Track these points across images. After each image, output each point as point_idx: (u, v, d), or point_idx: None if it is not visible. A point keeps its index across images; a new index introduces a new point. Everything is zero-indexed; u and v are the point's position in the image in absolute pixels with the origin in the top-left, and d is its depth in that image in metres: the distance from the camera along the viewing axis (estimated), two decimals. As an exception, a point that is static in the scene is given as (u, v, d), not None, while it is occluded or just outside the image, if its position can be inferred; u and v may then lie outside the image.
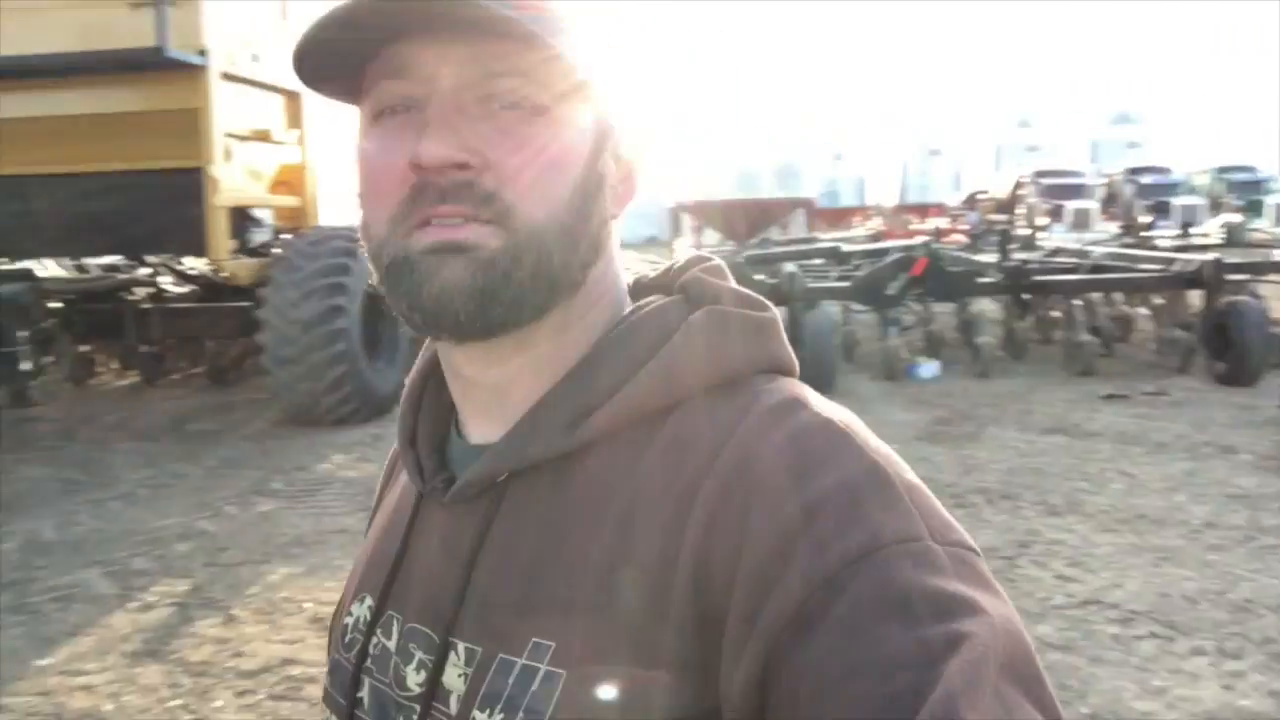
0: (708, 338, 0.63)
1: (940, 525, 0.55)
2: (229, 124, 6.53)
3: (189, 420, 7.23)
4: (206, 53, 6.24)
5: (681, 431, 0.61)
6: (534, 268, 0.59)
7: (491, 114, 0.59)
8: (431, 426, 0.73)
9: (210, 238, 6.48)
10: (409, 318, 0.61)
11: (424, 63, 0.59)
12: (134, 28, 5.88)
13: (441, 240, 0.58)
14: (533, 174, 0.59)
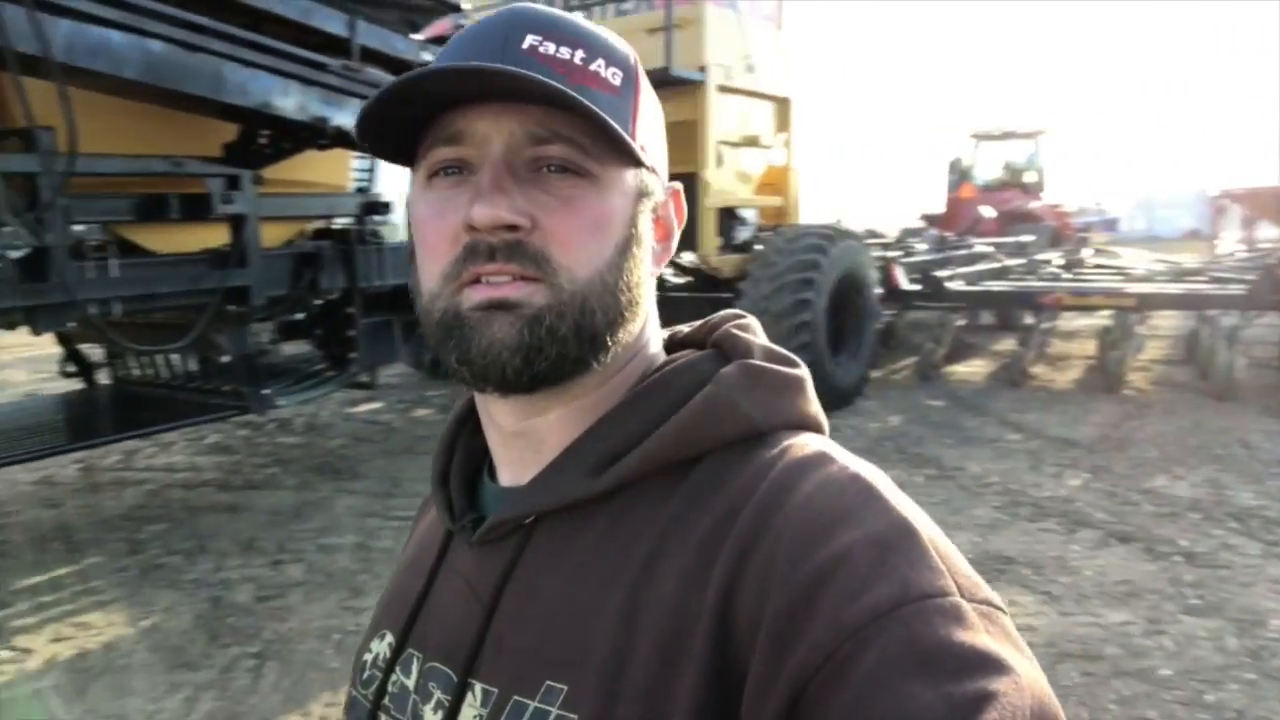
0: (738, 391, 0.64)
1: (968, 582, 0.54)
2: (722, 132, 7.21)
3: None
4: (706, 69, 6.96)
5: (707, 482, 0.61)
6: (577, 324, 0.61)
7: (540, 178, 0.61)
8: (464, 468, 0.74)
9: (701, 235, 7.23)
10: (458, 371, 0.63)
11: (477, 130, 0.61)
12: (648, 51, 6.77)
13: (490, 298, 0.60)
14: (577, 235, 0.61)
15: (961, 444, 6.26)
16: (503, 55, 0.60)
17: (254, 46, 4.01)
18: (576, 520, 0.64)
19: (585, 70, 0.61)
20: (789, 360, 0.69)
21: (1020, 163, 16.00)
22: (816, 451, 0.62)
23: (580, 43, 0.62)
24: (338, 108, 4.41)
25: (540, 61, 0.60)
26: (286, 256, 4.93)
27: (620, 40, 0.67)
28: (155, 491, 5.50)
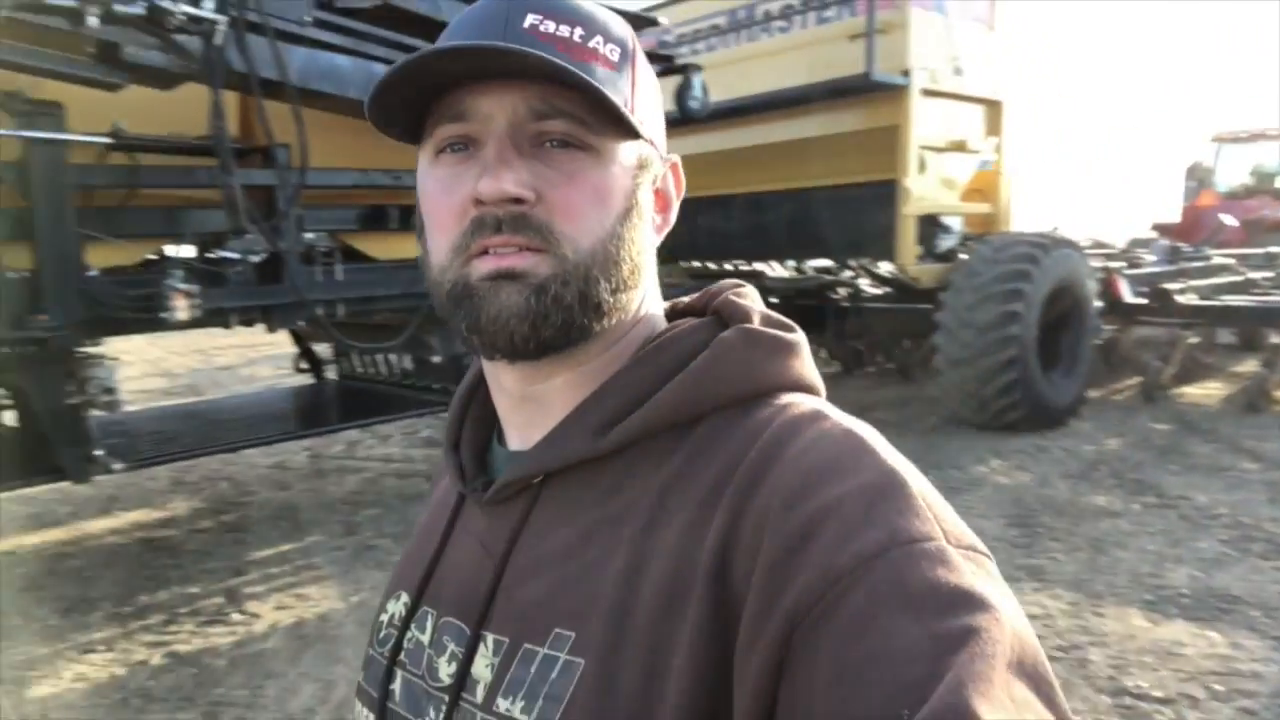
0: (736, 354, 0.66)
1: (954, 529, 0.56)
2: (925, 136, 6.96)
3: (871, 409, 7.94)
4: (909, 73, 6.75)
5: (707, 440, 0.64)
6: (580, 291, 0.64)
7: (543, 153, 0.64)
8: (475, 435, 0.77)
9: (899, 244, 7.01)
10: (468, 339, 0.66)
11: (481, 107, 0.63)
12: (851, 58, 6.65)
13: (498, 268, 0.63)
14: (580, 206, 0.64)
15: (1187, 471, 5.72)
16: (504, 34, 0.62)
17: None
18: (583, 479, 0.66)
19: (584, 47, 0.63)
20: (785, 325, 0.71)
21: (1271, 167, 14.44)
22: (812, 409, 0.64)
23: (579, 21, 0.64)
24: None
25: (541, 40, 0.62)
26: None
27: (618, 19, 0.68)
28: (372, 479, 5.96)
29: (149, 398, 8.62)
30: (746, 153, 7.68)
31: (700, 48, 7.74)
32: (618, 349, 0.70)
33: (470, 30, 0.64)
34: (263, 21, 3.50)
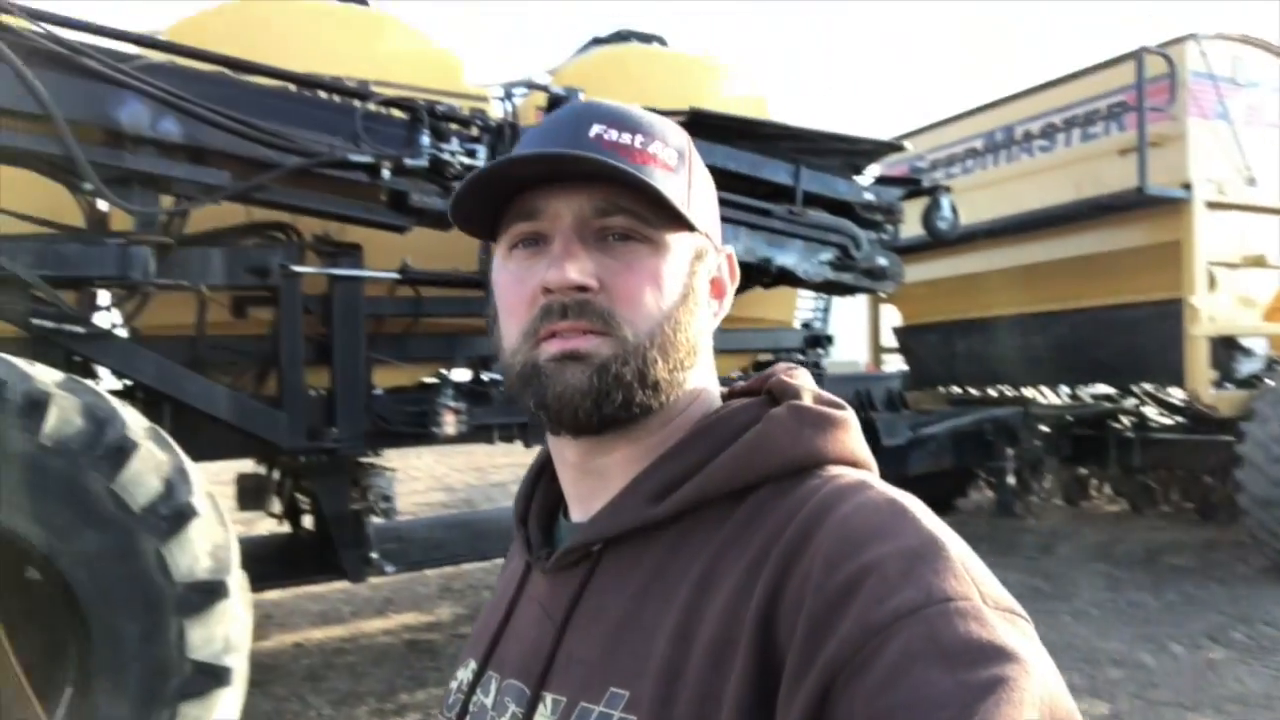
0: (785, 428, 0.69)
1: (992, 592, 0.57)
2: (1215, 252, 6.36)
3: (1164, 552, 7.08)
4: (1190, 186, 6.25)
5: (757, 509, 0.67)
6: (639, 370, 0.69)
7: (606, 245, 0.71)
8: (542, 509, 0.82)
9: (1189, 367, 6.36)
10: (536, 416, 0.71)
11: (550, 207, 0.71)
12: (1122, 173, 6.29)
13: (563, 350, 0.69)
14: (638, 293, 0.70)
15: None
16: (573, 142, 0.70)
17: (706, 198, 4.49)
18: (639, 546, 0.70)
19: (644, 152, 0.71)
20: (834, 402, 0.74)
21: None
22: (857, 479, 0.66)
23: (639, 129, 0.72)
24: (780, 249, 4.72)
25: (605, 146, 0.70)
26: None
27: (675, 126, 0.75)
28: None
29: (430, 509, 9.38)
30: (1011, 273, 7.38)
31: (956, 170, 7.63)
32: (675, 425, 0.74)
33: (543, 139, 0.73)
34: (525, 167, 3.89)
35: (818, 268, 4.85)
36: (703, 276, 0.75)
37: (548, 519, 0.82)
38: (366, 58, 4.31)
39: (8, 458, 2.61)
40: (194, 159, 3.61)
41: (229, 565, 2.94)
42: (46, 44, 3.25)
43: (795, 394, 0.73)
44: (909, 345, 8.82)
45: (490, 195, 0.72)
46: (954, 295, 7.86)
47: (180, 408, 3.73)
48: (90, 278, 3.47)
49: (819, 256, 4.86)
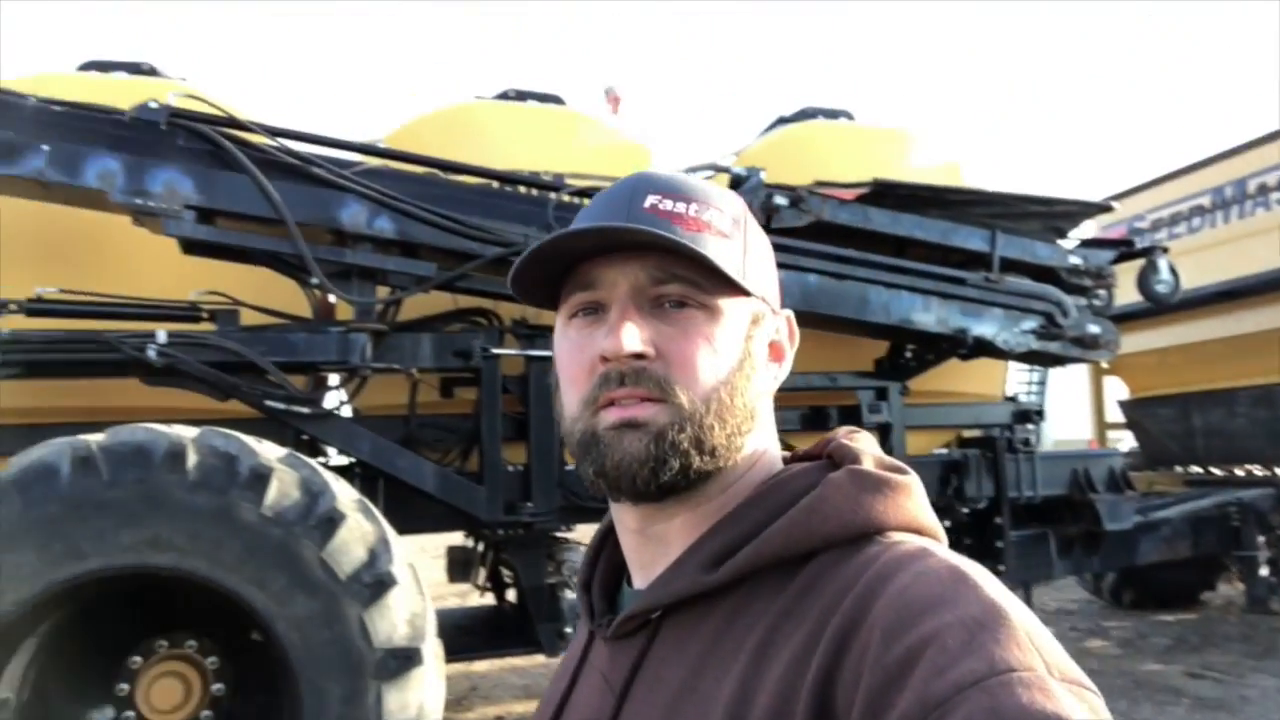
0: (844, 493, 0.68)
1: (1059, 663, 0.54)
2: None
3: None
4: None
5: (815, 577, 0.65)
6: (696, 437, 0.69)
7: (662, 313, 0.72)
8: (606, 576, 0.83)
9: None
10: (595, 484, 0.72)
11: (607, 277, 0.73)
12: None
13: (621, 418, 0.70)
14: (694, 359, 0.70)
15: None
16: (628, 213, 0.71)
17: (894, 269, 4.40)
18: (698, 613, 0.69)
19: (698, 219, 0.72)
20: (896, 467, 0.72)
21: None
22: (918, 547, 0.64)
23: (694, 198, 0.73)
24: (977, 319, 4.52)
25: (660, 216, 0.71)
26: (932, 464, 5.07)
27: (729, 194, 0.76)
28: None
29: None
30: (1255, 339, 6.69)
31: (1181, 230, 7.06)
32: (734, 490, 0.74)
33: (600, 211, 0.75)
34: (707, 246, 3.98)
35: (1020, 337, 4.59)
36: (760, 340, 0.76)
37: (612, 586, 0.83)
38: (561, 152, 4.58)
39: (236, 526, 2.90)
40: (406, 252, 3.93)
41: (425, 633, 3.09)
42: (281, 156, 3.69)
43: (855, 458, 0.72)
44: (1137, 420, 8.10)
45: (550, 267, 0.75)
46: (1189, 364, 7.18)
47: (392, 482, 4.00)
48: (315, 363, 3.82)
49: (1021, 325, 4.61)
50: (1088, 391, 9.01)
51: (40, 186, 3.44)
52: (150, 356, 3.42)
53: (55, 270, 3.78)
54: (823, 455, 0.76)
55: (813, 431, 4.97)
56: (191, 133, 3.61)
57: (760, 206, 4.22)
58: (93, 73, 4.22)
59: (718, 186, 0.77)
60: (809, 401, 4.96)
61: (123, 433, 3.00)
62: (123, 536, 2.83)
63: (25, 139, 3.37)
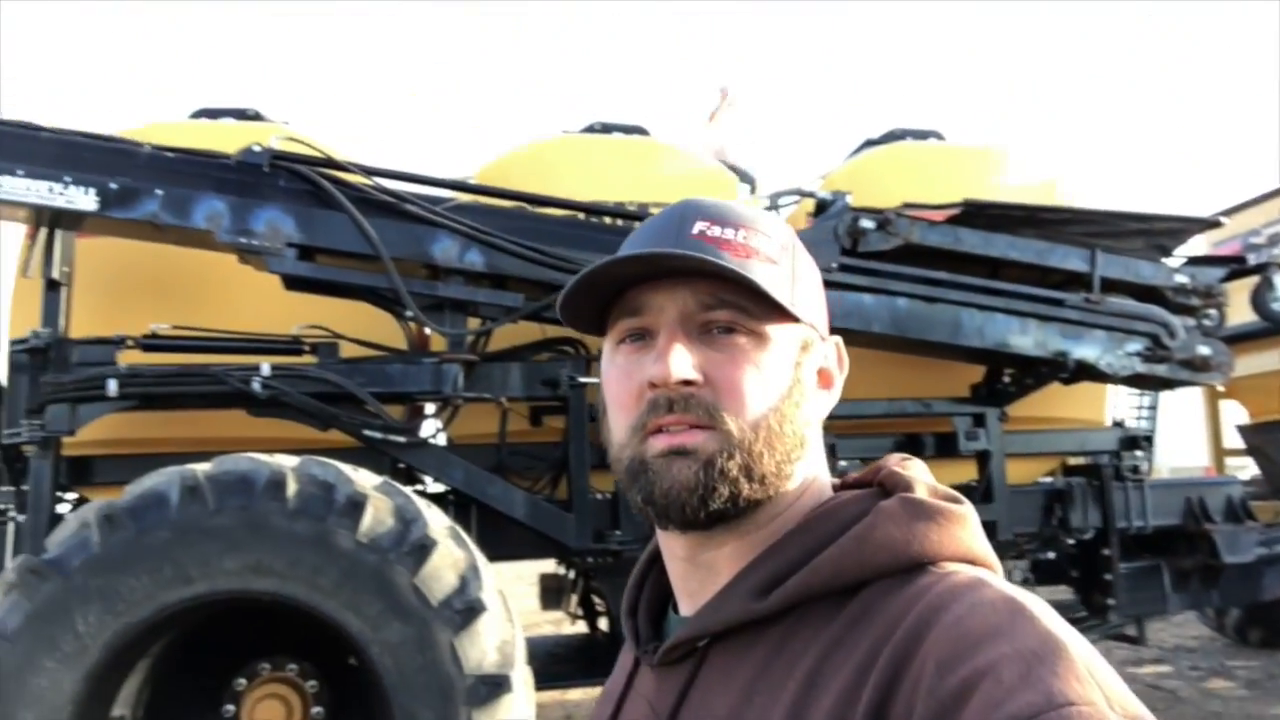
0: (896, 521, 0.66)
1: (1119, 697, 0.52)
2: None
3: None
4: None
5: (866, 607, 0.64)
6: (745, 465, 0.69)
7: (710, 339, 0.71)
8: (652, 601, 0.81)
9: None
10: (643, 511, 0.72)
11: (654, 302, 0.73)
12: None
13: (670, 445, 0.69)
14: (743, 385, 0.70)
15: None
16: (677, 239, 0.71)
17: (988, 291, 4.28)
18: (745, 642, 0.68)
19: (746, 245, 0.71)
20: (951, 496, 0.69)
21: None
22: (973, 578, 0.62)
23: (742, 224, 0.72)
24: (1078, 341, 4.36)
25: (708, 242, 0.70)
26: (1034, 493, 4.89)
27: (777, 220, 0.76)
28: None
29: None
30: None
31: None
32: (784, 518, 0.73)
33: (648, 237, 0.75)
34: (792, 273, 3.95)
35: (1124, 360, 4.40)
36: (809, 367, 0.76)
37: (658, 612, 0.82)
38: (646, 182, 4.62)
39: (333, 552, 2.98)
40: (495, 285, 4.02)
41: (514, 660, 3.11)
42: (376, 194, 3.82)
43: (907, 486, 0.71)
44: (1259, 446, 7.65)
45: (598, 293, 0.75)
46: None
47: (484, 509, 4.06)
48: (410, 393, 3.93)
49: (1125, 347, 4.42)
50: (1203, 416, 8.56)
51: (154, 228, 3.64)
52: (255, 389, 3.57)
53: (168, 307, 3.99)
54: (873, 483, 0.75)
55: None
56: (292, 174, 3.77)
57: (847, 231, 4.17)
58: (202, 119, 4.46)
59: (766, 213, 0.77)
60: (902, 428, 4.85)
61: (228, 462, 3.13)
62: (227, 562, 2.94)
63: (141, 184, 3.57)
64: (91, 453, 4.07)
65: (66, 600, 2.83)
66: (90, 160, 3.58)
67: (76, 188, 3.50)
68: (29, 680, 2.78)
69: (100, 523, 2.91)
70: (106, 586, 2.85)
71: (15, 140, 3.55)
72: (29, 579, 2.85)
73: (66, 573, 2.85)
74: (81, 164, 3.56)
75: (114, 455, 4.09)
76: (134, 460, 3.89)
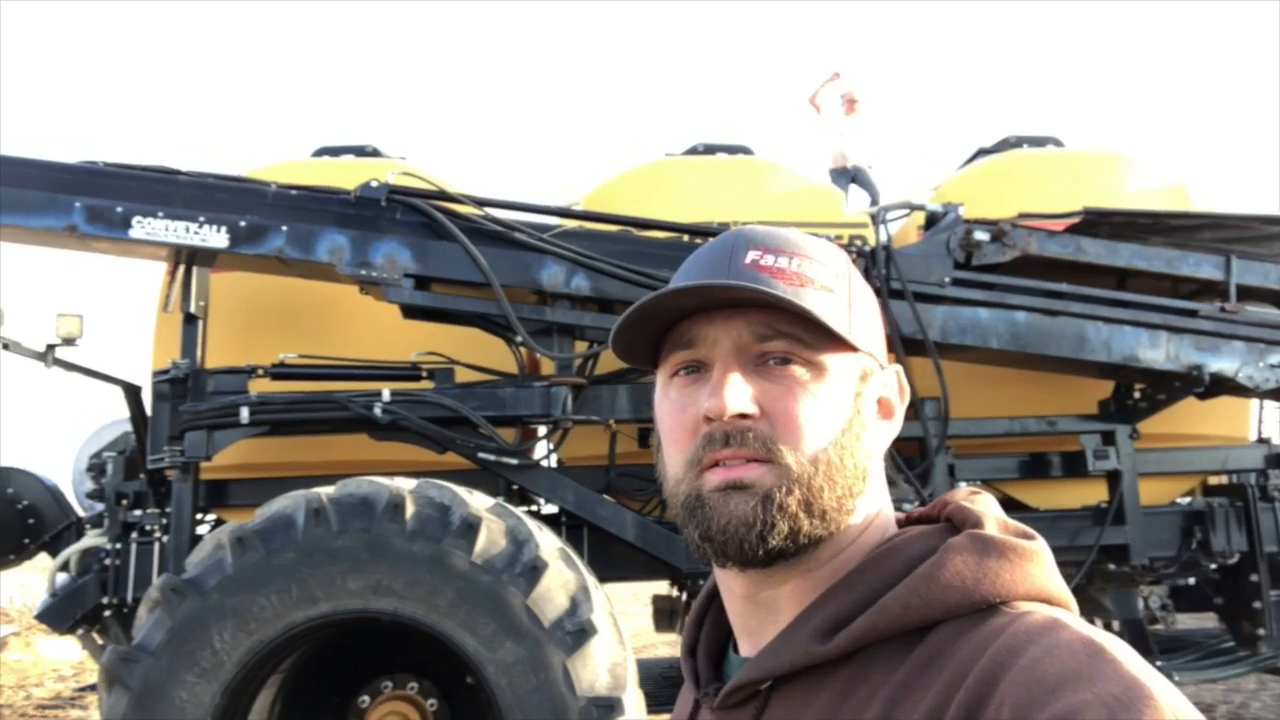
0: (966, 559, 0.64)
1: None
2: None
3: None
4: None
5: (936, 649, 0.61)
6: (805, 500, 0.67)
7: (766, 370, 0.70)
8: (712, 642, 0.79)
9: None
10: (700, 548, 0.70)
11: (708, 334, 0.71)
12: None
13: (726, 479, 0.68)
14: (800, 418, 0.68)
15: None
16: (728, 270, 0.70)
17: (1114, 303, 4.08)
18: (810, 685, 0.65)
19: (800, 274, 0.69)
20: (1023, 532, 0.66)
21: None
22: (1049, 618, 0.58)
23: (795, 252, 0.70)
24: (1214, 353, 4.10)
25: (761, 272, 0.69)
26: (1171, 514, 4.62)
27: (831, 247, 0.73)
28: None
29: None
30: None
31: None
32: (846, 555, 0.70)
33: (699, 268, 0.74)
34: (903, 288, 3.86)
35: (1266, 372, 4.12)
36: (869, 397, 0.74)
37: (717, 652, 0.80)
38: (752, 201, 4.60)
39: (449, 573, 3.06)
40: (602, 308, 4.07)
41: (626, 683, 3.12)
42: (487, 224, 3.93)
43: (976, 521, 0.67)
44: None
45: (650, 326, 0.74)
46: None
47: (596, 530, 4.10)
48: (521, 416, 4.00)
49: (1267, 359, 4.13)
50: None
51: (280, 263, 3.83)
52: (376, 414, 3.71)
53: (295, 337, 4.19)
54: (940, 518, 0.72)
55: (1032, 480, 4.67)
56: (408, 207, 3.92)
57: (960, 243, 4.05)
58: (323, 158, 4.68)
59: (820, 240, 0.76)
60: (1025, 448, 4.67)
61: (350, 485, 3.25)
62: (350, 582, 3.05)
63: (267, 222, 3.77)
64: (227, 476, 4.30)
65: (204, 618, 2.99)
66: (222, 200, 3.81)
67: (209, 226, 3.72)
68: (172, 693, 2.94)
69: (233, 544, 3.06)
70: (240, 605, 3.00)
71: (156, 185, 3.80)
72: (170, 597, 3.02)
73: (204, 592, 3.01)
74: (214, 204, 3.78)
75: (247, 479, 4.31)
76: (265, 483, 4.10)
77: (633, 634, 4.38)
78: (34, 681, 9.63)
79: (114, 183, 3.79)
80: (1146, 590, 4.87)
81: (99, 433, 4.93)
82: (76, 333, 4.13)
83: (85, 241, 3.79)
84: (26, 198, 3.69)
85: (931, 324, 3.93)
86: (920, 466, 4.06)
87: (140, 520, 4.11)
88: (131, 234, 3.69)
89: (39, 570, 4.80)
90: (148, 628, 3.02)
